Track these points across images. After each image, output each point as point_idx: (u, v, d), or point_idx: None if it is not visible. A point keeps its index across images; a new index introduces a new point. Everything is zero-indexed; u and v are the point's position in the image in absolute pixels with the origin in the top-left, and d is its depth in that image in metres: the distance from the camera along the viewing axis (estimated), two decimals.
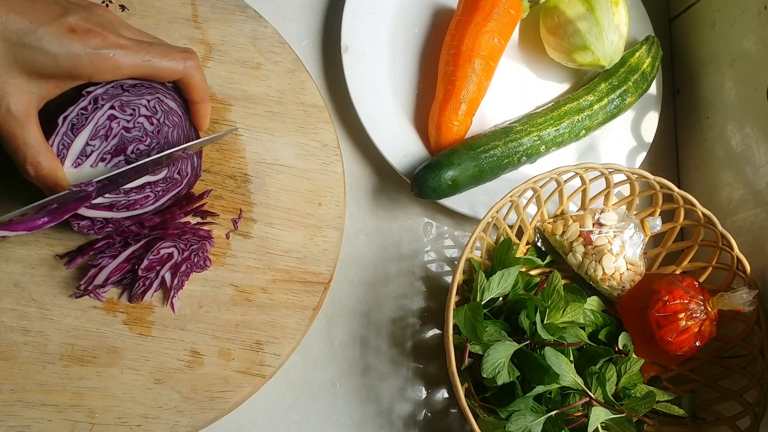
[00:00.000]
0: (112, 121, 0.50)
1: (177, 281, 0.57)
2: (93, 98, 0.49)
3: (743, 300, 0.57)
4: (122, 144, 0.51)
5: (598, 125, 0.70)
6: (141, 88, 0.51)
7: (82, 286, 0.55)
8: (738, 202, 0.67)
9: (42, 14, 0.45)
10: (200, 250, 0.58)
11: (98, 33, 0.47)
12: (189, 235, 0.57)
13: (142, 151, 0.52)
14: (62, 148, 0.49)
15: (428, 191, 0.63)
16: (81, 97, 0.49)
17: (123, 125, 0.51)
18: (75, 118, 0.49)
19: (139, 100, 0.51)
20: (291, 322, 0.58)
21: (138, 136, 0.52)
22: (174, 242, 0.56)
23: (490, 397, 0.58)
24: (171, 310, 0.57)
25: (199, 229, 0.58)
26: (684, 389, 0.65)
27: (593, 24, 0.68)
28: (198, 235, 0.58)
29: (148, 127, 0.52)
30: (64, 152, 0.49)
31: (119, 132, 0.51)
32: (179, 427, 0.54)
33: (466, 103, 0.66)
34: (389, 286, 0.67)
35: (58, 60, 0.45)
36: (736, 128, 0.68)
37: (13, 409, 0.53)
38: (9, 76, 0.45)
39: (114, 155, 0.51)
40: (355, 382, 0.64)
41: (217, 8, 0.64)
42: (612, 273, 0.63)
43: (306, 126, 0.64)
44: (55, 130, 0.48)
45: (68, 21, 0.46)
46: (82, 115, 0.49)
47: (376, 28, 0.70)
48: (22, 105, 0.45)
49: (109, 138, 0.51)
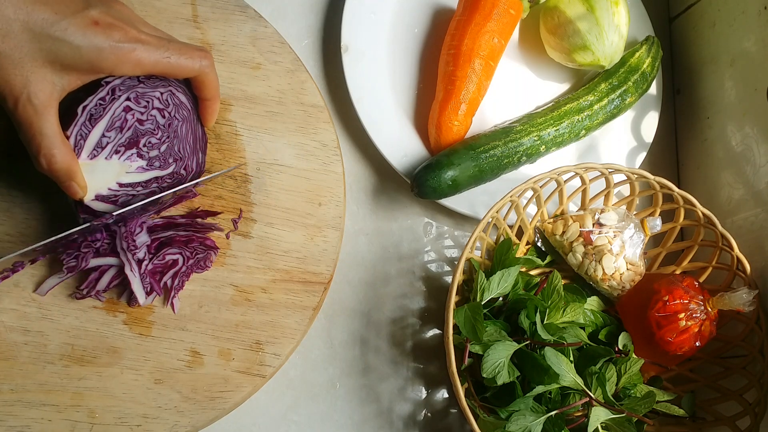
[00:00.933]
0: (127, 113, 0.51)
1: (177, 281, 0.57)
2: (111, 89, 0.50)
3: (743, 300, 0.57)
4: (135, 136, 0.51)
5: (598, 125, 0.70)
6: (155, 80, 0.52)
7: (84, 291, 0.55)
8: (738, 202, 0.67)
9: (65, 6, 0.45)
10: (205, 259, 0.58)
11: (120, 27, 0.47)
12: (196, 243, 0.58)
13: (153, 144, 0.52)
14: (80, 138, 0.49)
15: (428, 191, 0.63)
16: (100, 87, 0.49)
17: (137, 117, 0.51)
18: (93, 109, 0.49)
19: (153, 92, 0.52)
20: (291, 322, 0.58)
21: (150, 129, 0.52)
22: (180, 249, 0.57)
23: (490, 397, 0.58)
24: (171, 310, 0.57)
25: (206, 238, 0.58)
26: (684, 389, 0.65)
27: (593, 24, 0.68)
28: (204, 244, 0.58)
29: (160, 120, 0.52)
30: (82, 143, 0.49)
31: (133, 124, 0.51)
32: (179, 427, 0.54)
33: (466, 103, 0.66)
34: (389, 286, 0.67)
35: (82, 52, 0.46)
36: (736, 128, 0.68)
37: (13, 409, 0.53)
38: (33, 66, 0.45)
39: (127, 147, 0.51)
40: (355, 382, 0.64)
41: (217, 8, 0.64)
42: (612, 273, 0.63)
43: (306, 126, 0.64)
44: (73, 121, 0.49)
45: (91, 14, 0.46)
46: (100, 105, 0.49)
47: (376, 28, 0.70)
48: (43, 95, 0.46)
49: (124, 130, 0.51)
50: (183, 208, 0.59)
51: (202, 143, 0.58)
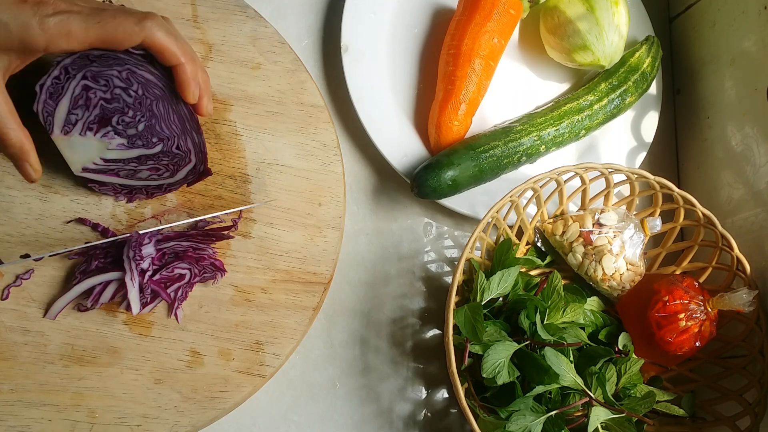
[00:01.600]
0: (87, 92, 0.51)
1: (181, 293, 0.57)
2: (63, 68, 0.51)
3: (743, 300, 0.57)
4: (105, 114, 0.52)
5: (598, 125, 0.70)
6: (108, 59, 0.52)
7: (89, 304, 0.55)
8: (738, 202, 0.67)
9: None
10: (212, 278, 0.58)
11: (50, 2, 0.47)
12: (207, 262, 0.58)
13: (128, 123, 0.53)
14: (47, 115, 0.51)
15: (428, 191, 0.63)
16: (52, 67, 0.51)
17: (101, 96, 0.52)
18: (51, 87, 0.51)
19: (110, 71, 0.52)
20: (291, 322, 0.58)
21: (119, 108, 0.52)
22: (190, 265, 0.57)
23: (490, 397, 0.58)
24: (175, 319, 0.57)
25: (217, 259, 0.58)
26: (684, 389, 0.65)
27: (593, 24, 0.68)
28: (214, 265, 0.58)
29: (126, 98, 0.52)
30: (50, 120, 0.51)
31: (99, 102, 0.52)
32: (179, 427, 0.54)
33: (466, 103, 0.66)
34: (389, 286, 0.67)
35: (11, 29, 0.46)
36: (736, 128, 0.68)
37: (13, 409, 0.53)
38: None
39: (100, 125, 0.52)
40: (355, 382, 0.64)
41: (217, 8, 0.64)
42: (612, 273, 0.63)
43: (306, 126, 0.64)
44: (35, 99, 0.50)
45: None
46: (57, 84, 0.51)
47: (376, 28, 0.70)
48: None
49: (90, 108, 0.52)
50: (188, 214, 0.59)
51: (192, 123, 0.56)
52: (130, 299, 0.54)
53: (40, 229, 0.56)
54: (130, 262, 0.55)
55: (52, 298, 0.55)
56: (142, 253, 0.55)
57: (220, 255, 0.59)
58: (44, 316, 0.55)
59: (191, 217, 0.59)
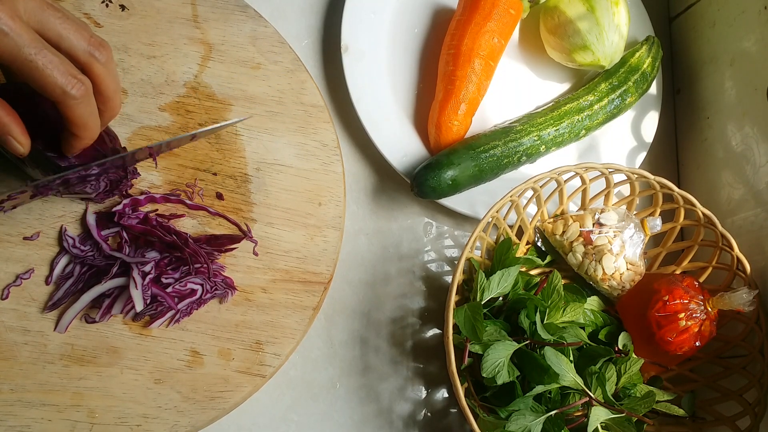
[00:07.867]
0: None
1: (188, 308, 0.57)
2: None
3: (743, 300, 0.57)
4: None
5: (598, 125, 0.70)
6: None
7: (97, 317, 0.55)
8: (738, 202, 0.67)
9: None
10: (223, 296, 0.58)
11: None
12: (219, 279, 0.57)
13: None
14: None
15: (428, 191, 0.63)
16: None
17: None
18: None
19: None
20: (291, 322, 0.58)
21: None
22: (203, 281, 0.57)
23: (490, 397, 0.58)
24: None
25: (227, 276, 0.58)
26: (684, 389, 0.65)
27: (593, 24, 0.68)
28: (226, 283, 0.58)
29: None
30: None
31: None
32: (179, 427, 0.54)
33: (465, 102, 0.66)
34: (389, 286, 0.67)
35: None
36: (736, 128, 0.68)
37: (13, 409, 0.53)
38: None
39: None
40: (355, 382, 0.64)
41: (217, 8, 0.64)
42: (612, 273, 0.63)
43: (306, 126, 0.64)
44: None
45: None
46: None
47: (376, 28, 0.70)
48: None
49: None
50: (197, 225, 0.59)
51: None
52: (133, 297, 0.54)
53: (41, 228, 0.56)
54: (135, 268, 0.55)
55: (52, 298, 0.55)
56: (145, 255, 0.56)
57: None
58: (54, 329, 0.55)
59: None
